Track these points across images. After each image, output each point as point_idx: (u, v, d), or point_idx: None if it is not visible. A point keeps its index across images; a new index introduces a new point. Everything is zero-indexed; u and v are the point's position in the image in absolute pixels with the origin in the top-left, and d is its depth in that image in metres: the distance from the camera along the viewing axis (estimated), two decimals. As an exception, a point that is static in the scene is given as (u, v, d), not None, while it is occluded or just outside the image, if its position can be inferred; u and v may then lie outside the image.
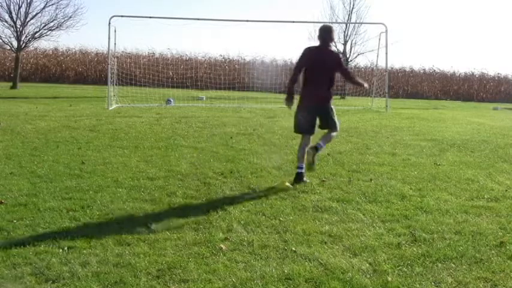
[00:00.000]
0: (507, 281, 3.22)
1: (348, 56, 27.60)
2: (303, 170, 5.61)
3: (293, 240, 3.81)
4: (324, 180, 5.72)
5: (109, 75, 16.57)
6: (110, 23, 15.90)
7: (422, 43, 52.54)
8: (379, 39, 18.79)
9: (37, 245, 3.52)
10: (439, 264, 3.43)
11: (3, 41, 23.45)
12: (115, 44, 16.70)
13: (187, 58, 31.06)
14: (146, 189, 5.16)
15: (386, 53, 18.07)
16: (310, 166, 5.58)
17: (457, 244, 3.80)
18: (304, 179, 5.60)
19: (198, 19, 17.12)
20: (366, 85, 5.98)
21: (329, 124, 5.64)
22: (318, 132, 5.73)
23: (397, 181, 5.90)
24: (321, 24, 6.00)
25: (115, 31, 16.17)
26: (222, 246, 3.62)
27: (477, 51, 53.95)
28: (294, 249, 3.62)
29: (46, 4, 23.33)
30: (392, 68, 29.51)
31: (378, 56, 19.80)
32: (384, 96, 18.51)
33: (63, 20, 23.61)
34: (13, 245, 3.51)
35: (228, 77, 24.46)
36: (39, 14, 23.41)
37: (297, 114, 5.64)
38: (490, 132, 11.38)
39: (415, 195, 5.26)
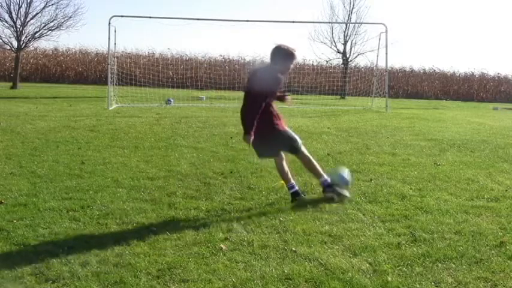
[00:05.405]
0: (507, 281, 3.22)
1: (348, 56, 27.63)
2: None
3: (293, 240, 3.81)
4: (324, 180, 5.72)
5: (109, 75, 16.58)
6: (110, 23, 15.92)
7: (422, 43, 52.49)
8: (379, 39, 18.80)
9: (37, 245, 3.52)
10: (439, 264, 3.43)
11: (3, 41, 23.45)
12: (115, 44, 16.73)
13: (187, 58, 30.98)
14: (146, 189, 5.16)
15: (386, 53, 18.08)
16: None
17: (457, 244, 3.80)
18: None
19: (198, 19, 17.13)
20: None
21: None
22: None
23: (397, 181, 5.90)
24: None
25: (115, 31, 16.19)
26: (222, 246, 3.62)
27: (477, 51, 53.93)
28: (294, 249, 3.62)
29: (46, 4, 23.32)
30: (392, 68, 29.49)
31: (377, 56, 19.79)
32: (384, 96, 18.51)
33: (63, 20, 23.61)
34: (13, 245, 3.51)
35: (228, 77, 24.40)
36: (39, 14, 23.41)
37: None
38: (490, 132, 11.38)
39: (415, 195, 5.26)
